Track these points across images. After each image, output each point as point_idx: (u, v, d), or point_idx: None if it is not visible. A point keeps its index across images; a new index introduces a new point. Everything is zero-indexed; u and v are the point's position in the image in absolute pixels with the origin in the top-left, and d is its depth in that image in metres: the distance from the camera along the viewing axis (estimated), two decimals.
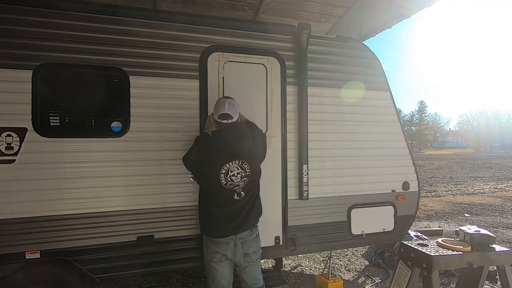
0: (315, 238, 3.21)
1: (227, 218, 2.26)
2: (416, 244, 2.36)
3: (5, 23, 2.38)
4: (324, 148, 3.27)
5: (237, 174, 2.24)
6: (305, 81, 3.11)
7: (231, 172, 2.22)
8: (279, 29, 3.15)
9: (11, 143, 2.38)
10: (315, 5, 4.99)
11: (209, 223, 2.31)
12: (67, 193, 2.50)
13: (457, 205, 8.69)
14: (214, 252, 2.26)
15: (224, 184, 2.22)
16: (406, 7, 4.65)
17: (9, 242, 2.37)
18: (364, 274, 4.17)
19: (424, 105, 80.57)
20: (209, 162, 2.23)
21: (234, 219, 2.26)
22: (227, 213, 2.26)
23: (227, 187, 2.23)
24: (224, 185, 2.22)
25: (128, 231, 2.64)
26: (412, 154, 3.68)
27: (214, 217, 2.27)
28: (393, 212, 3.52)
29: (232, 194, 2.25)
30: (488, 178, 15.75)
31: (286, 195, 3.11)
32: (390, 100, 3.53)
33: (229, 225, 2.25)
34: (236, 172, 2.24)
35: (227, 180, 2.22)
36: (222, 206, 2.27)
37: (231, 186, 2.24)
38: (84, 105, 3.08)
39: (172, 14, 3.26)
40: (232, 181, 2.24)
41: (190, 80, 2.81)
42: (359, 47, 3.45)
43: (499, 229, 6.31)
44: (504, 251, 2.29)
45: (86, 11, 2.56)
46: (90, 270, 2.56)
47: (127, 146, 2.64)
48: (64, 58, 2.50)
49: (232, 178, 2.23)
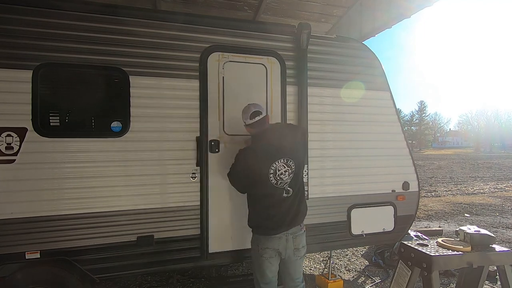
0: (315, 238, 3.21)
1: (280, 216, 2.35)
2: (416, 244, 2.37)
3: (5, 23, 2.38)
4: (324, 148, 3.27)
5: (284, 172, 2.34)
6: (305, 81, 3.11)
7: (279, 171, 2.33)
8: (279, 29, 3.15)
9: (11, 143, 2.37)
10: (315, 5, 4.99)
11: (262, 223, 2.39)
12: (67, 193, 2.50)
13: (457, 205, 8.69)
14: (265, 248, 2.34)
15: (275, 183, 2.33)
16: (406, 7, 4.65)
17: (9, 242, 2.37)
18: (364, 274, 4.17)
19: (424, 105, 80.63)
20: (257, 165, 2.32)
21: (286, 216, 2.36)
22: (279, 212, 2.35)
23: (278, 186, 2.34)
24: (275, 185, 2.33)
25: (128, 231, 2.64)
26: (412, 154, 3.68)
27: (267, 217, 2.36)
28: (393, 212, 3.52)
29: (281, 192, 2.35)
30: (488, 178, 15.74)
31: None
32: (390, 100, 3.53)
33: (282, 222, 2.34)
34: (283, 170, 2.34)
35: (276, 179, 2.33)
36: (273, 206, 2.36)
37: (281, 185, 2.35)
38: (84, 105, 3.08)
39: (172, 14, 3.26)
40: (282, 179, 2.34)
41: (190, 80, 2.80)
42: (359, 47, 3.45)
43: (499, 229, 6.31)
44: (504, 251, 2.30)
45: (86, 11, 2.56)
46: (90, 270, 2.55)
47: (127, 146, 2.64)
48: (64, 58, 2.50)
49: (281, 176, 2.33)
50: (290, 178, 2.37)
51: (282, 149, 2.36)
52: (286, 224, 2.35)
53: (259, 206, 2.42)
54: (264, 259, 2.36)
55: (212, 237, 2.85)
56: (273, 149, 2.34)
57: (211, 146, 2.85)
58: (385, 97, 3.51)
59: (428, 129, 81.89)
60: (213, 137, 2.86)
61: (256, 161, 2.33)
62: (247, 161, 2.37)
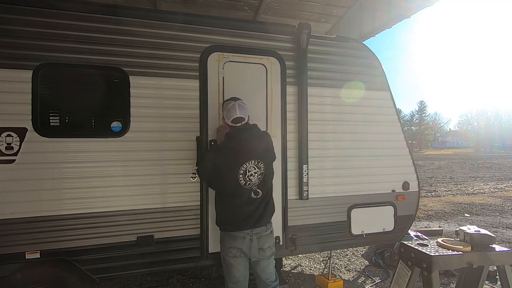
0: (315, 238, 3.21)
1: (245, 215, 2.35)
2: (416, 244, 2.36)
3: (5, 23, 2.38)
4: (324, 148, 3.27)
5: (254, 174, 2.35)
6: (305, 81, 3.11)
7: (248, 172, 2.33)
8: (279, 29, 3.15)
9: (11, 143, 2.38)
10: (315, 5, 4.99)
11: (227, 219, 2.40)
12: (67, 193, 2.50)
13: (457, 205, 8.68)
14: (230, 247, 2.35)
15: (243, 184, 2.33)
16: (406, 7, 4.65)
17: (9, 242, 2.37)
18: (364, 274, 4.17)
19: (424, 105, 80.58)
20: (228, 164, 2.32)
21: (252, 216, 2.36)
22: (246, 211, 2.35)
23: (246, 187, 2.34)
24: (243, 185, 2.33)
25: (128, 231, 2.64)
26: (412, 154, 3.68)
27: (232, 214, 2.38)
28: (393, 212, 3.52)
29: (249, 193, 2.35)
30: (488, 178, 15.74)
31: (286, 195, 3.11)
32: (390, 100, 3.53)
33: (247, 220, 2.35)
34: (253, 172, 2.35)
35: (245, 179, 2.33)
36: (241, 205, 2.36)
37: (249, 186, 2.35)
38: (84, 105, 3.08)
39: (172, 14, 3.26)
40: (250, 180, 2.34)
41: (190, 80, 2.81)
42: (359, 47, 3.45)
43: (499, 229, 6.31)
44: (504, 251, 2.29)
45: (86, 11, 2.56)
46: (90, 270, 2.56)
47: (127, 146, 2.64)
48: (64, 58, 2.50)
49: (250, 177, 2.34)
50: (259, 180, 2.37)
51: (254, 150, 2.36)
52: (251, 224, 2.35)
53: (226, 204, 2.41)
54: (229, 258, 2.37)
55: (212, 237, 2.85)
56: (245, 149, 2.34)
57: (211, 146, 2.85)
58: (385, 97, 3.51)
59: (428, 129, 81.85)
60: (213, 137, 2.86)
61: (227, 160, 2.32)
62: (218, 157, 2.35)
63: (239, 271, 2.39)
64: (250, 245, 2.36)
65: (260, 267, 2.47)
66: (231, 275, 2.40)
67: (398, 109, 6.99)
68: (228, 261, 2.39)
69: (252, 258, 2.42)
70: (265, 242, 2.41)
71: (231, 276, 2.41)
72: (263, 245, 2.40)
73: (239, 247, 2.35)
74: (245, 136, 2.38)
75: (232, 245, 2.35)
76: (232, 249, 2.35)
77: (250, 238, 2.36)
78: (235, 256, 2.36)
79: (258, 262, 2.45)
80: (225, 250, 2.39)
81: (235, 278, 2.40)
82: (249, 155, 2.34)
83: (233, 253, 2.36)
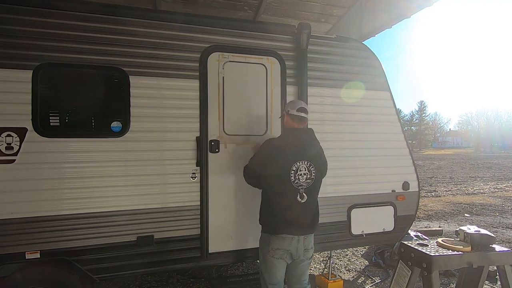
0: (315, 238, 3.19)
1: (294, 218, 2.32)
2: (416, 244, 2.36)
3: (5, 23, 2.38)
4: (324, 148, 3.24)
5: (303, 174, 2.32)
6: (305, 81, 3.11)
7: (299, 171, 2.31)
8: (279, 29, 3.15)
9: (11, 143, 2.37)
10: (315, 5, 4.99)
11: (275, 222, 2.35)
12: (67, 193, 2.50)
13: (457, 205, 8.68)
14: (277, 248, 2.31)
15: (293, 181, 2.30)
16: (406, 7, 4.65)
17: (9, 242, 2.37)
18: (364, 274, 4.17)
19: (424, 105, 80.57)
20: (281, 158, 2.30)
21: (300, 219, 2.33)
22: (293, 213, 2.32)
23: (294, 185, 2.31)
24: (292, 183, 2.30)
25: (128, 231, 2.64)
26: (412, 154, 3.68)
27: (280, 215, 2.33)
28: (393, 212, 3.52)
29: (296, 194, 2.31)
30: (488, 178, 15.75)
31: None
32: (390, 100, 3.53)
33: (295, 224, 2.32)
34: (303, 172, 2.32)
35: (296, 177, 2.30)
36: (288, 207, 2.32)
37: (297, 185, 2.31)
38: (84, 105, 3.08)
39: (172, 14, 3.26)
40: (299, 180, 2.31)
41: (190, 80, 2.80)
42: (359, 47, 3.45)
43: (499, 229, 6.31)
44: (504, 251, 2.29)
45: (86, 11, 2.56)
46: (90, 270, 2.55)
47: (127, 146, 2.64)
48: (64, 58, 2.50)
49: (299, 177, 2.31)
50: (307, 184, 2.35)
51: (308, 152, 2.37)
52: (299, 227, 2.33)
53: (274, 203, 2.37)
54: (275, 259, 2.33)
55: (212, 237, 2.85)
56: (301, 148, 2.35)
57: (211, 146, 2.85)
58: (385, 97, 3.51)
59: (428, 129, 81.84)
60: (213, 137, 2.86)
61: (282, 154, 2.31)
62: (273, 151, 2.34)
63: (281, 272, 2.38)
64: (297, 246, 2.34)
65: (301, 268, 2.45)
66: (273, 277, 2.38)
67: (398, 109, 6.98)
68: (272, 262, 2.34)
69: (297, 259, 2.39)
70: (309, 242, 2.42)
71: (272, 278, 2.38)
72: (308, 246, 2.40)
73: (286, 249, 2.32)
74: (300, 135, 2.42)
75: (280, 247, 2.31)
76: (279, 251, 2.31)
77: (298, 239, 2.33)
78: (281, 257, 2.33)
79: (300, 262, 2.42)
80: (270, 251, 2.33)
81: (276, 280, 2.38)
82: (303, 155, 2.34)
83: (280, 255, 2.32)
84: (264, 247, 2.40)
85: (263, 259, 2.42)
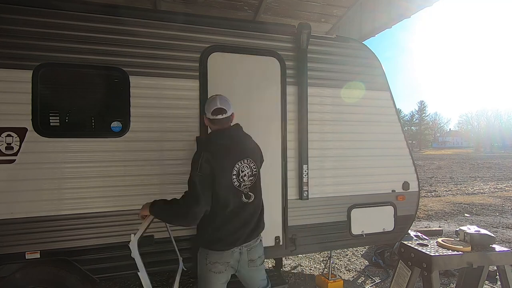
0: (315, 238, 3.21)
1: (238, 228, 2.03)
2: (416, 244, 2.36)
3: (5, 23, 2.38)
4: (324, 148, 3.27)
5: (246, 174, 2.06)
6: (305, 81, 3.11)
7: (242, 172, 2.04)
8: (279, 29, 3.15)
9: (11, 143, 2.37)
10: (315, 5, 4.99)
11: (214, 235, 2.02)
12: (67, 193, 2.50)
13: (457, 205, 8.68)
14: (215, 262, 2.02)
15: (237, 185, 2.02)
16: (406, 7, 4.65)
17: (9, 242, 2.37)
18: (364, 274, 4.17)
19: (424, 105, 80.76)
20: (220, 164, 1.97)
21: (245, 228, 2.06)
22: (238, 222, 2.04)
23: (240, 188, 2.04)
24: (237, 187, 2.02)
25: (128, 231, 2.63)
26: (412, 154, 3.68)
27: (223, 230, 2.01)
28: (393, 212, 3.52)
29: (241, 197, 2.04)
30: (488, 178, 15.74)
31: (286, 195, 3.11)
32: (390, 100, 3.53)
33: (238, 234, 2.03)
34: (246, 172, 2.06)
35: (239, 180, 2.03)
36: (232, 216, 2.02)
37: (243, 187, 2.05)
38: (84, 105, 3.08)
39: (172, 14, 3.25)
40: (244, 181, 2.05)
41: (190, 80, 2.80)
42: (359, 47, 3.45)
43: (499, 229, 6.31)
44: (504, 251, 2.29)
45: (86, 11, 2.56)
46: (90, 270, 2.56)
47: (127, 146, 2.64)
48: (64, 58, 2.50)
49: (243, 178, 2.05)
50: (250, 182, 2.08)
51: (245, 149, 2.10)
52: (243, 238, 2.05)
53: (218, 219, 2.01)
54: (213, 273, 2.03)
55: None
56: (236, 148, 2.06)
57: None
58: (385, 97, 3.51)
59: (428, 129, 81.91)
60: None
61: (220, 159, 1.97)
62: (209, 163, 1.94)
63: (218, 286, 2.07)
64: (239, 258, 2.06)
65: (250, 278, 2.18)
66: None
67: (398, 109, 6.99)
68: (208, 276, 2.03)
69: (241, 271, 2.12)
70: (255, 253, 2.12)
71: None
72: (253, 257, 2.11)
73: (226, 261, 2.02)
74: (232, 134, 2.10)
75: (218, 260, 2.01)
76: (218, 264, 2.01)
77: (239, 252, 2.05)
78: (220, 271, 2.02)
79: (247, 273, 2.15)
80: (207, 265, 2.02)
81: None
82: (242, 153, 2.07)
83: (219, 268, 2.02)
84: (201, 259, 2.09)
85: (200, 272, 2.11)
